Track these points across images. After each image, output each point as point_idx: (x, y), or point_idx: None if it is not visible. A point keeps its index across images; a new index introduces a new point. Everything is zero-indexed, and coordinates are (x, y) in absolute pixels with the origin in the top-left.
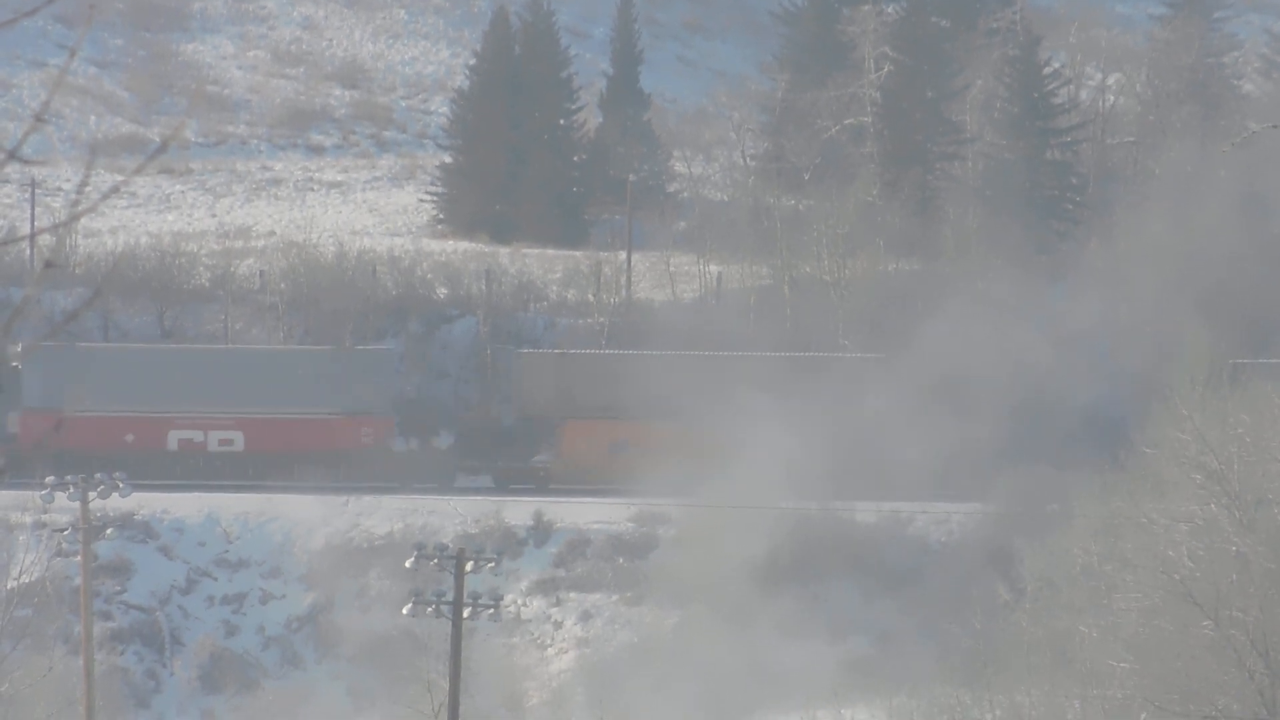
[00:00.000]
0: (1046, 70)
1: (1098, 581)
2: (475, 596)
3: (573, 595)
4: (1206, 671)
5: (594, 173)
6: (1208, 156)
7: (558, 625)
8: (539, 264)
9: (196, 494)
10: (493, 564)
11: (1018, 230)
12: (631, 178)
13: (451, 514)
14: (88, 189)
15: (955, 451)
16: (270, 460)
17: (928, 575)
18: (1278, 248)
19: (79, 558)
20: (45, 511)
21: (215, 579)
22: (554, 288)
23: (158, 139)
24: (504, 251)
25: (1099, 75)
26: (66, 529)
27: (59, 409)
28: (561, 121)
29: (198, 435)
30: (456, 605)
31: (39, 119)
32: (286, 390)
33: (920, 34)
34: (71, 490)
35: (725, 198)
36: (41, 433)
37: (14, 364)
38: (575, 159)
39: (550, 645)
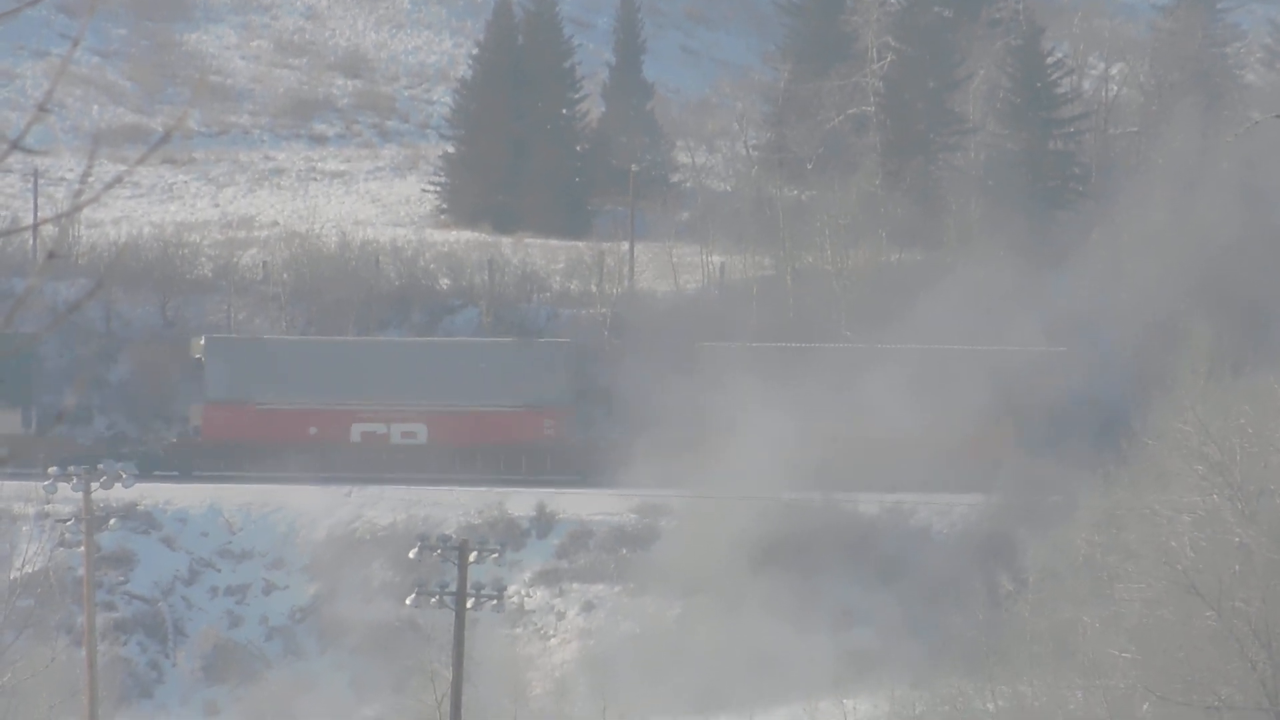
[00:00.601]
0: (1049, 60)
1: (1100, 572)
2: (478, 587)
3: (575, 586)
4: (1209, 661)
5: (597, 163)
6: (1210, 147)
7: (560, 616)
8: (542, 254)
9: (199, 485)
10: (496, 555)
11: (1020, 220)
12: (634, 168)
13: (454, 505)
14: (90, 179)
15: (958, 442)
16: (453, 453)
17: (930, 566)
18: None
19: (82, 548)
20: (48, 502)
21: (218, 570)
22: (557, 278)
23: (160, 129)
24: (506, 242)
25: (1102, 65)
26: (69, 519)
27: (242, 401)
28: (564, 111)
29: (381, 428)
30: (459, 596)
31: (42, 109)
32: (470, 382)
33: (923, 24)
34: (74, 480)
35: (728, 188)
36: (221, 426)
37: (197, 356)
38: (578, 149)
39: (553, 636)
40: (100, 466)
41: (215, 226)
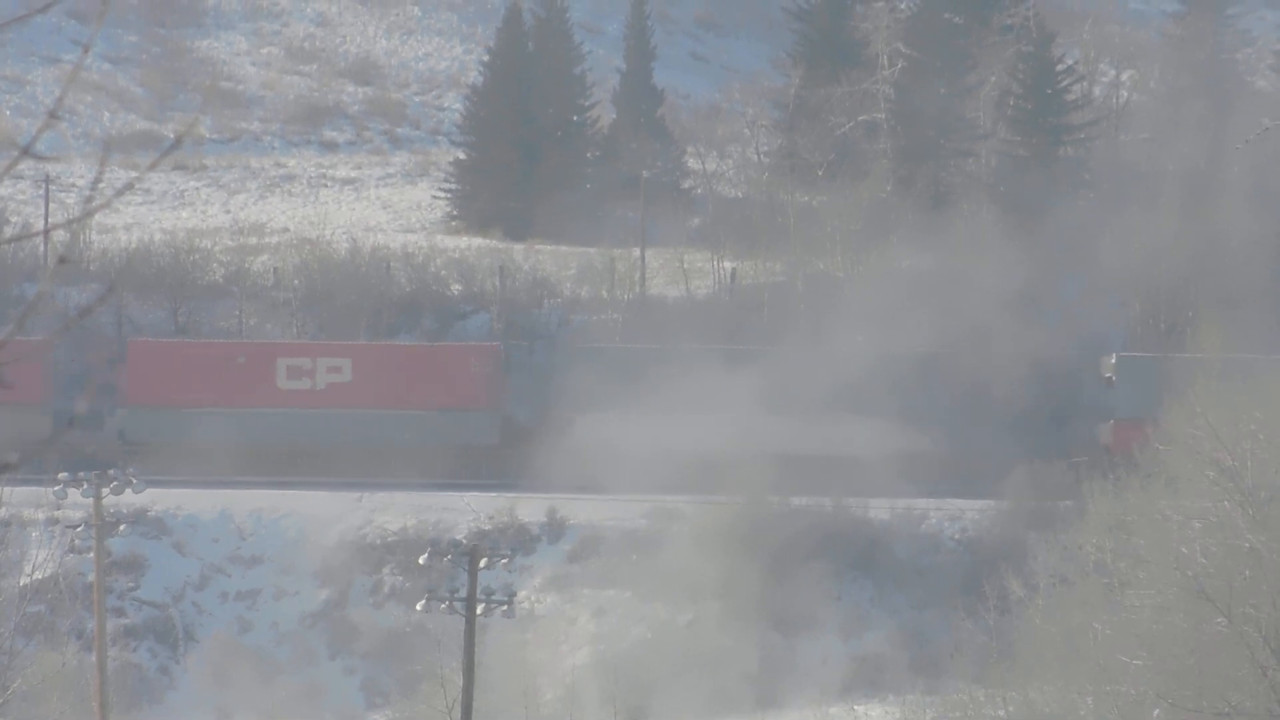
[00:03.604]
0: (1060, 67)
1: (1111, 578)
2: (489, 592)
3: (586, 591)
4: (1219, 667)
5: (607, 169)
6: (1221, 152)
7: (571, 621)
8: (553, 260)
9: (210, 490)
10: (506, 560)
11: (1031, 226)
12: (645, 174)
13: (465, 510)
14: (102, 185)
15: (971, 447)
16: None
17: (941, 571)
18: None
19: (92, 554)
20: (58, 508)
21: (229, 575)
22: (568, 284)
23: (171, 135)
24: (518, 248)
25: (1112, 71)
26: (80, 525)
27: (1149, 418)
28: (575, 118)
29: None
30: (470, 601)
31: (53, 115)
32: None
33: (933, 30)
34: (85, 486)
35: (739, 194)
36: (1131, 443)
37: (1108, 375)
38: (589, 155)
39: (564, 641)
40: (111, 472)
41: (226, 232)
